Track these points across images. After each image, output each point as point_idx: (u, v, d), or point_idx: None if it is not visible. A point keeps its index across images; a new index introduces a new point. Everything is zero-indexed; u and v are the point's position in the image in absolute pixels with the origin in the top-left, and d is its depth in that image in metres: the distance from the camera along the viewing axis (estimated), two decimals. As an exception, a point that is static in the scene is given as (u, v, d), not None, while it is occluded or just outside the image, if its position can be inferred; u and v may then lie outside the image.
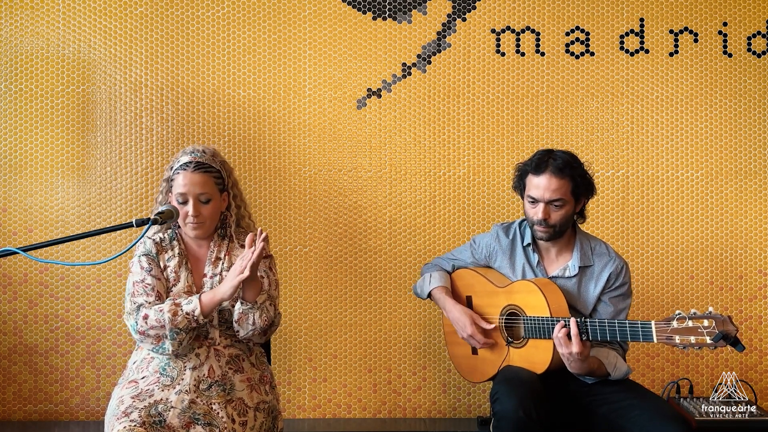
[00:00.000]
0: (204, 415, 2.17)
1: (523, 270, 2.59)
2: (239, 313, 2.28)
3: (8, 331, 3.25)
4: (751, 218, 3.32)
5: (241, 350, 2.36)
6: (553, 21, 3.31)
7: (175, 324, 2.22)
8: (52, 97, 3.25)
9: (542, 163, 2.47)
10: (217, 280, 2.35)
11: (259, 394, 2.31)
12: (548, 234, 2.49)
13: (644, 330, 2.21)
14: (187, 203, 2.31)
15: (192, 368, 2.26)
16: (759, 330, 3.33)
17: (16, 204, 3.25)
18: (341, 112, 3.30)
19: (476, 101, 3.31)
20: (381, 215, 3.32)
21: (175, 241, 2.40)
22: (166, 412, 2.14)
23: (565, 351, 2.31)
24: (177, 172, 2.34)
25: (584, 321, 2.31)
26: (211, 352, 2.30)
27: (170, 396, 2.19)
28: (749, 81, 3.32)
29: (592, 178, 2.54)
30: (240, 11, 3.28)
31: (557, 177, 2.43)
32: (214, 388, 2.25)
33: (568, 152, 2.52)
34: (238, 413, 2.23)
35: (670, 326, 2.15)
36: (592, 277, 2.52)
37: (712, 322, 2.11)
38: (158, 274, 2.35)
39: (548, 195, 2.44)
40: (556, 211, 2.46)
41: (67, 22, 3.25)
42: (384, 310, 3.32)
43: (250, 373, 2.33)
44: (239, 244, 2.41)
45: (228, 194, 2.42)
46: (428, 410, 3.33)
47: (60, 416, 3.25)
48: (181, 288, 2.33)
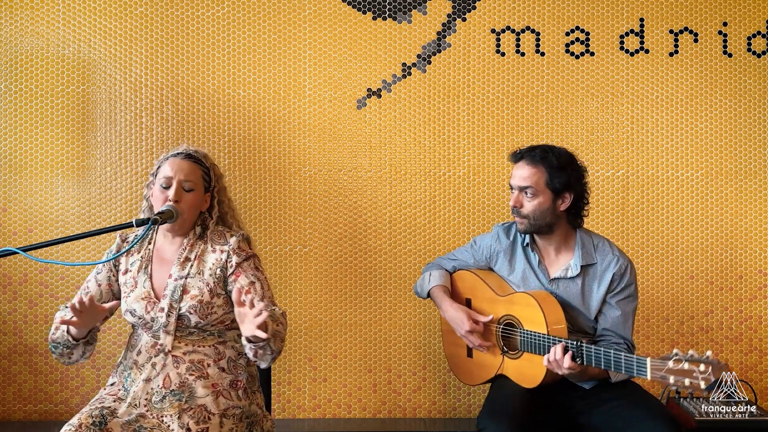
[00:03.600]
0: (152, 429, 2.07)
1: (523, 272, 2.57)
2: (254, 350, 2.11)
3: (8, 331, 3.25)
4: (751, 218, 3.32)
5: (205, 355, 2.23)
6: (553, 21, 3.31)
7: (54, 338, 2.21)
8: (52, 97, 3.25)
9: (522, 151, 2.50)
10: (181, 284, 2.24)
11: (228, 400, 2.18)
12: (523, 225, 2.48)
13: (639, 365, 2.13)
14: (169, 188, 2.25)
15: (145, 380, 2.17)
16: (759, 330, 3.33)
17: (16, 204, 3.25)
18: (341, 112, 3.30)
19: (476, 101, 3.31)
20: (381, 215, 3.32)
21: (147, 242, 2.34)
22: (110, 417, 2.06)
23: (560, 372, 2.29)
24: (164, 161, 2.31)
25: (580, 345, 2.26)
26: (168, 360, 2.19)
27: (120, 408, 2.12)
28: (749, 81, 3.32)
29: (578, 177, 2.48)
30: (240, 11, 3.28)
31: (530, 165, 2.45)
32: (168, 399, 2.13)
33: (565, 150, 2.50)
34: (196, 421, 2.09)
35: (666, 366, 2.04)
36: (595, 277, 2.49)
37: (709, 367, 2.00)
38: (102, 280, 2.32)
39: (519, 182, 2.47)
40: (528, 201, 2.45)
41: (67, 22, 3.25)
42: (384, 310, 3.32)
43: (216, 379, 2.20)
44: (212, 247, 2.30)
45: (212, 197, 2.36)
46: (428, 410, 3.33)
47: (60, 416, 3.25)
48: (138, 294, 2.26)
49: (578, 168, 2.50)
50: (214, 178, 2.37)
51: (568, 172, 2.45)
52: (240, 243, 2.31)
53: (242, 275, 2.27)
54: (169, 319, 2.21)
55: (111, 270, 2.35)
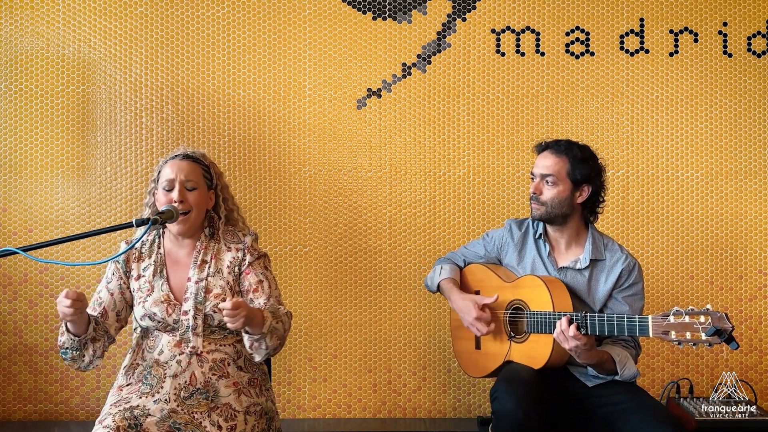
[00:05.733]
0: (185, 425, 2.10)
1: (533, 262, 2.60)
2: (250, 341, 2.20)
3: (8, 331, 3.25)
4: (751, 218, 3.32)
5: (226, 354, 2.28)
6: (553, 21, 3.31)
7: (61, 344, 2.23)
8: (52, 97, 3.25)
9: (547, 142, 2.60)
10: (203, 285, 2.28)
11: (248, 397, 2.25)
12: (540, 212, 2.54)
13: (641, 324, 2.23)
14: (172, 190, 2.28)
15: (172, 376, 2.20)
16: (759, 330, 3.33)
17: (16, 204, 3.25)
18: (341, 112, 3.30)
19: (476, 101, 3.31)
20: (381, 215, 3.32)
21: (156, 246, 2.36)
22: (143, 417, 2.07)
23: (567, 346, 2.31)
24: (164, 164, 2.34)
25: (584, 315, 2.32)
26: (193, 359, 2.23)
27: (148, 404, 2.13)
28: (749, 81, 3.32)
29: (598, 172, 2.56)
30: (240, 11, 3.28)
31: (554, 154, 2.54)
32: (195, 397, 2.19)
33: (587, 146, 2.58)
34: (224, 419, 2.17)
35: (667, 321, 2.16)
36: (603, 270, 2.53)
37: (708, 318, 2.13)
38: (114, 288, 2.33)
39: (542, 170, 2.54)
40: (548, 189, 2.52)
41: (67, 22, 3.25)
42: (384, 310, 3.32)
43: (236, 377, 2.26)
44: (226, 246, 2.36)
45: (216, 195, 2.39)
46: (428, 410, 3.33)
47: (60, 416, 3.25)
48: (157, 298, 2.27)
49: (598, 164, 2.58)
50: (215, 175, 2.40)
51: (590, 165, 2.54)
52: (253, 242, 2.39)
53: (251, 273, 2.34)
54: (197, 322, 2.24)
55: (121, 278, 2.35)
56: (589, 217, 2.60)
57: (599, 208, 2.61)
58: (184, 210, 2.28)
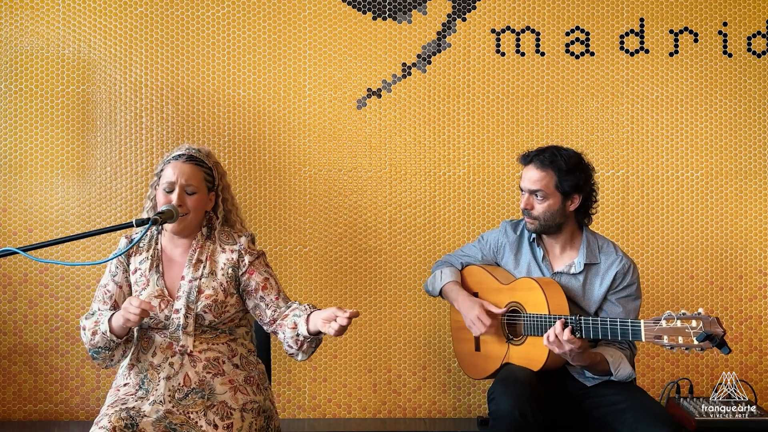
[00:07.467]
0: (181, 425, 2.13)
1: (528, 266, 2.61)
2: (302, 343, 2.23)
3: (8, 331, 3.25)
4: (751, 218, 3.32)
5: (220, 352, 2.29)
6: (553, 21, 3.31)
7: (94, 344, 2.24)
8: (52, 97, 3.25)
9: (532, 154, 2.54)
10: (196, 285, 2.29)
11: (245, 395, 2.25)
12: (534, 226, 2.54)
13: (633, 328, 2.22)
14: (173, 192, 2.29)
15: (165, 378, 2.21)
16: (759, 330, 3.33)
17: (16, 204, 3.25)
18: (341, 112, 3.30)
19: (476, 101, 3.31)
20: (381, 215, 3.32)
21: (153, 242, 2.37)
22: (139, 417, 2.09)
23: (560, 350, 2.31)
24: (167, 163, 2.33)
25: (579, 319, 2.32)
26: (185, 360, 2.24)
27: (143, 406, 2.15)
28: (749, 81, 3.32)
29: (586, 178, 2.53)
30: (240, 11, 3.28)
31: (539, 169, 2.50)
32: (191, 397, 2.20)
33: (573, 151, 2.54)
34: (220, 417, 2.18)
35: (659, 325, 2.15)
36: (598, 274, 2.53)
37: (700, 322, 2.11)
38: (122, 281, 2.35)
39: (529, 185, 2.52)
40: (539, 203, 2.51)
41: (67, 22, 3.25)
42: (384, 310, 3.32)
43: (232, 375, 2.27)
44: (221, 247, 2.36)
45: (216, 195, 2.39)
46: (428, 410, 3.33)
47: (60, 416, 3.25)
48: (151, 292, 2.28)
49: (586, 169, 2.55)
50: (218, 176, 2.40)
51: (577, 175, 2.50)
52: (249, 243, 2.39)
53: (256, 272, 2.35)
54: (187, 321, 2.25)
55: (126, 271, 2.37)
56: (583, 220, 2.60)
57: (593, 210, 2.60)
58: (182, 213, 2.30)
